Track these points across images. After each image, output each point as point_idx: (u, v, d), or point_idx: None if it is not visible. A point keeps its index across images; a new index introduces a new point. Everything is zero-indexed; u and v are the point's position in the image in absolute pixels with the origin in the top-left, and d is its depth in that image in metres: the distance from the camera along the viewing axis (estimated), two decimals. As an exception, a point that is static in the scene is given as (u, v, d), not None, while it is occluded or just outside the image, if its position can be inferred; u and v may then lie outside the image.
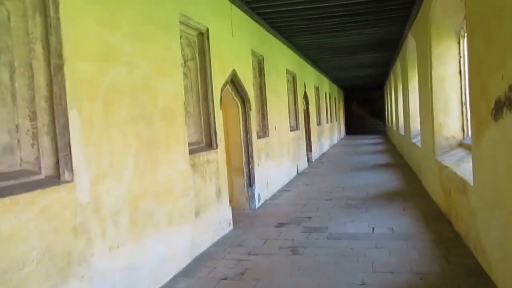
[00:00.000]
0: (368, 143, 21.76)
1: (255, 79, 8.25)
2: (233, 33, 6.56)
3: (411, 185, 8.65)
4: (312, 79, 15.19)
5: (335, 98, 24.48)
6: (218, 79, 5.87)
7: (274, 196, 8.30)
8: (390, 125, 22.35)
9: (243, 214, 6.82)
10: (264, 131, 8.50)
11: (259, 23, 8.12)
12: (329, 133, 20.48)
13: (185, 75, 5.26)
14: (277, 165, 9.16)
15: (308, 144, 14.05)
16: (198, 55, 5.52)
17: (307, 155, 13.50)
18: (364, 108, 31.92)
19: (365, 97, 31.36)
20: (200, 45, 5.53)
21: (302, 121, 12.72)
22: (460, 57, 6.26)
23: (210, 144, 5.60)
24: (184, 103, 4.80)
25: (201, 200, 5.04)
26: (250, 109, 7.28)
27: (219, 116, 5.80)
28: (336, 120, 24.54)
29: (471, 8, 4.03)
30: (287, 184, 9.77)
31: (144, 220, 3.78)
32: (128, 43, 3.69)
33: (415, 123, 10.55)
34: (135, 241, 3.60)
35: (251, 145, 7.29)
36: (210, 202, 5.34)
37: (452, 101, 6.39)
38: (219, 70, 5.92)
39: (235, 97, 6.96)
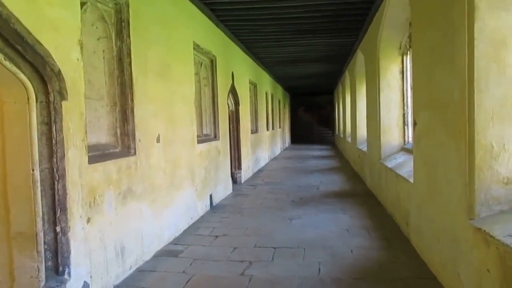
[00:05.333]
0: (316, 155, 18.17)
1: (108, 40, 4.14)
2: None
3: (396, 248, 4.91)
4: (245, 71, 11.24)
5: (279, 101, 20.80)
6: None
7: (138, 275, 4.20)
8: (341, 136, 18.99)
9: None
10: (126, 145, 4.39)
11: None
12: (270, 143, 16.66)
13: None
14: (158, 208, 5.05)
15: (236, 159, 10.10)
16: None
17: (233, 176, 9.54)
18: (312, 115, 28.79)
19: (313, 102, 28.20)
20: None
21: (225, 127, 8.73)
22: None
23: None
24: None
25: None
26: (64, 98, 3.16)
27: None
28: (279, 127, 20.85)
29: None
30: (185, 232, 5.72)
31: None
32: None
33: (387, 136, 6.95)
34: None
35: (64, 178, 3.17)
36: None
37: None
38: None
39: (6, 65, 2.79)
